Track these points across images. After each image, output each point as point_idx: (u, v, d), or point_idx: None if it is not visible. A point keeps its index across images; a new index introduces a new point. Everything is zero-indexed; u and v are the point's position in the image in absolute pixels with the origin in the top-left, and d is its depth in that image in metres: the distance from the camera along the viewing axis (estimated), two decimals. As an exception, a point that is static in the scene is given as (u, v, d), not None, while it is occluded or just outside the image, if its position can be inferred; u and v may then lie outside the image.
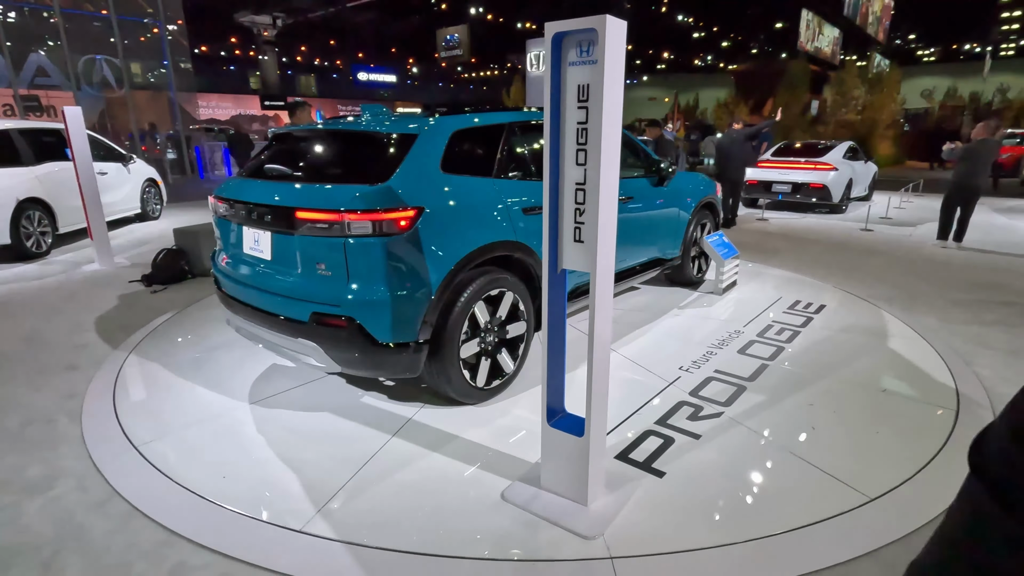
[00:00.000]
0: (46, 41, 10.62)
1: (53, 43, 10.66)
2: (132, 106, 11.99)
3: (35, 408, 3.04)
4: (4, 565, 1.96)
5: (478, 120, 2.98)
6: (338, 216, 2.37)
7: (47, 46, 10.63)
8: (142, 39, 11.81)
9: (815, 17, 21.01)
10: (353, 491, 2.27)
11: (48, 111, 16.19)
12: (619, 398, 2.96)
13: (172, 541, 2.05)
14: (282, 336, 2.67)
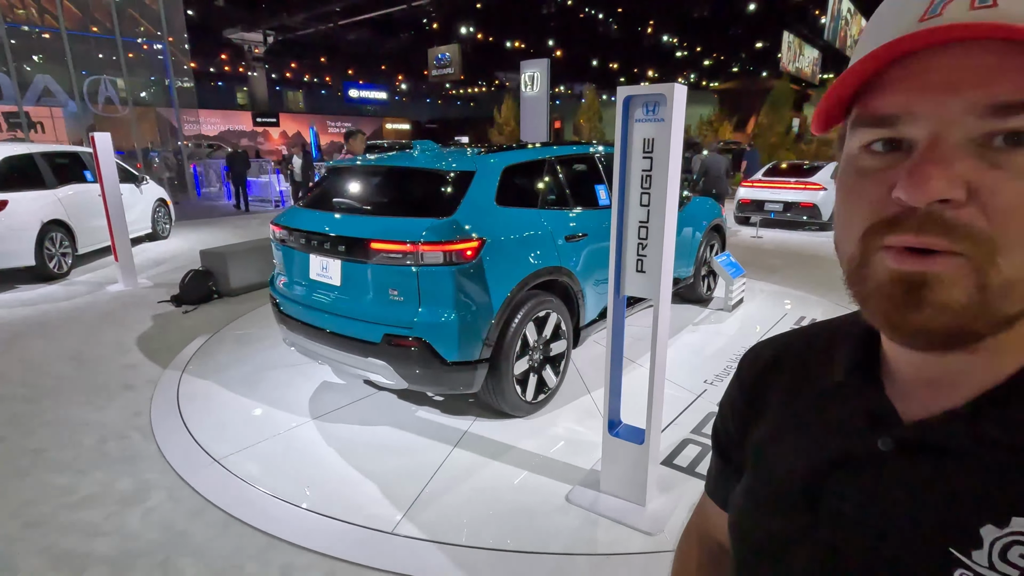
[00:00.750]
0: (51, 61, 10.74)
1: (58, 64, 10.78)
2: (135, 124, 12.12)
3: (105, 426, 3.22)
4: (126, 567, 2.16)
5: (523, 156, 3.27)
6: (412, 247, 2.63)
7: (52, 66, 10.74)
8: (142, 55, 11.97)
9: (795, 39, 21.83)
10: (430, 497, 2.50)
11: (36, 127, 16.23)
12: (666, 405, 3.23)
13: (274, 544, 2.26)
14: (350, 355, 2.90)
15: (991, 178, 0.32)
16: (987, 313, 0.34)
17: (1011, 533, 0.34)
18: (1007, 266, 0.33)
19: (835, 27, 16.70)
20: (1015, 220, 0.32)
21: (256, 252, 6.10)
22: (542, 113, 16.48)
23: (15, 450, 2.98)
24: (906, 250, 0.35)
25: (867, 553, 0.40)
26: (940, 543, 0.36)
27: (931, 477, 0.38)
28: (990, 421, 0.36)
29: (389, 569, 2.12)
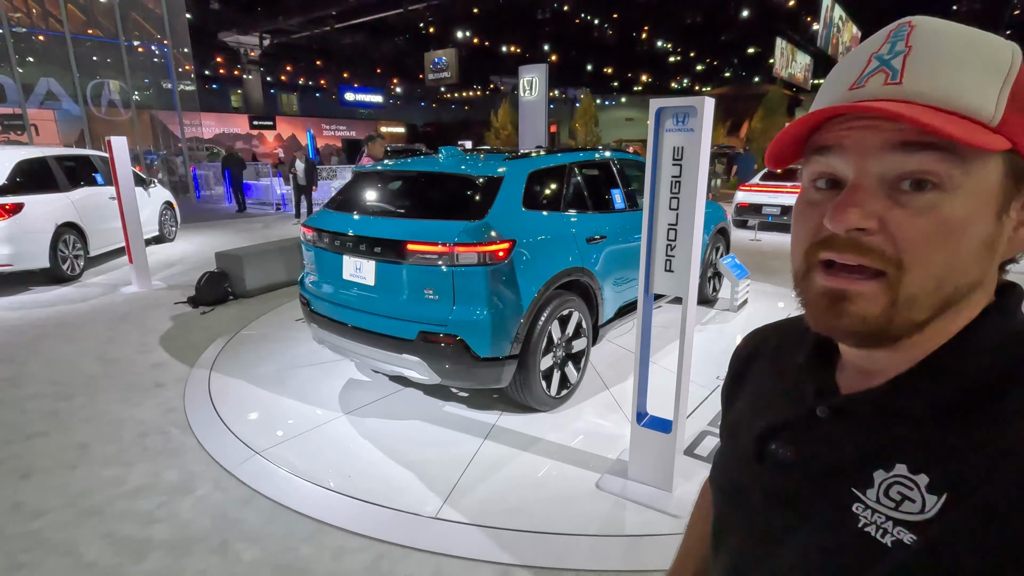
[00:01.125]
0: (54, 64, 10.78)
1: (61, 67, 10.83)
2: (137, 127, 12.17)
3: (143, 422, 3.33)
4: (185, 551, 2.28)
5: (547, 162, 3.42)
6: (448, 248, 2.77)
7: (55, 68, 10.79)
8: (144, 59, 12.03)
9: (788, 45, 22.19)
10: (467, 485, 2.64)
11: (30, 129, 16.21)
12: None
13: (324, 529, 2.39)
14: (385, 352, 3.03)
15: (898, 214, 0.42)
16: (897, 321, 0.43)
17: (893, 476, 0.43)
18: (910, 283, 0.42)
19: (827, 34, 17.03)
20: (915, 247, 0.41)
21: (271, 254, 6.22)
22: (541, 117, 16.69)
23: (61, 444, 3.08)
24: (834, 267, 0.45)
25: (795, 492, 0.50)
26: (846, 483, 0.46)
27: (847, 436, 0.48)
28: (890, 398, 0.46)
29: (435, 550, 2.25)
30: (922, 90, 0.41)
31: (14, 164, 6.08)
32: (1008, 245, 0.44)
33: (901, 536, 0.42)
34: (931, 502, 0.41)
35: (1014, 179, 0.42)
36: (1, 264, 5.82)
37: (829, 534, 0.46)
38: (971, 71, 0.41)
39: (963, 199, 0.41)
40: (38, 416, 3.40)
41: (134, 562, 2.23)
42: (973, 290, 0.44)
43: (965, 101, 0.41)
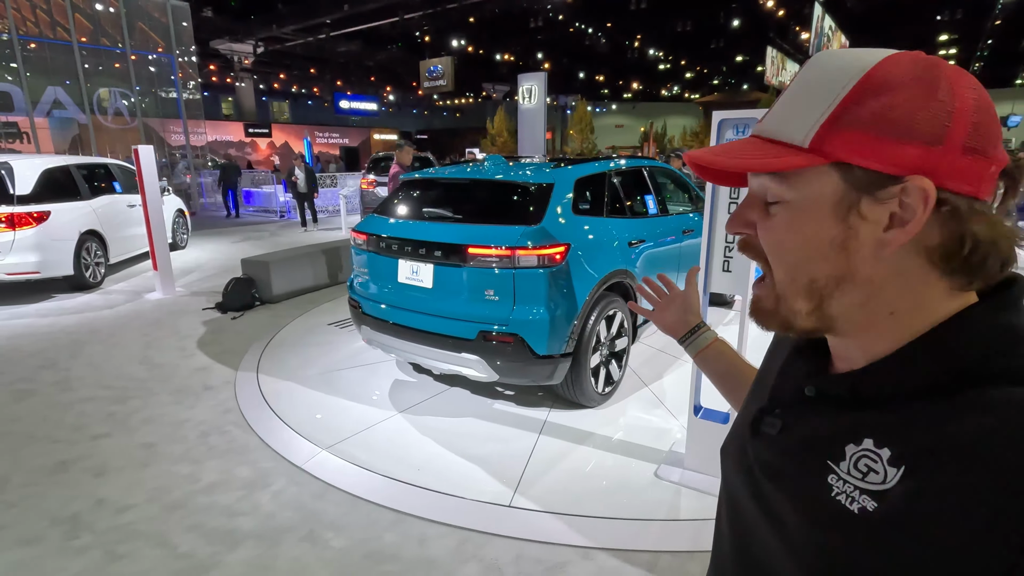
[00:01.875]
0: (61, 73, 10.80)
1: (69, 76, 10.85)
2: (143, 135, 12.20)
3: (202, 422, 3.43)
4: (276, 540, 2.39)
5: (590, 169, 3.59)
6: (510, 252, 2.92)
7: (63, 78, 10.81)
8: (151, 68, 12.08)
9: (778, 54, 22.68)
10: (533, 476, 2.78)
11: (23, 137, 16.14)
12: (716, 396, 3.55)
13: (403, 519, 2.52)
14: (443, 351, 3.16)
15: (761, 222, 0.52)
16: (783, 310, 0.52)
17: (862, 449, 0.48)
18: (777, 279, 0.51)
19: (818, 43, 17.45)
20: (769, 248, 0.51)
21: (296, 260, 6.32)
22: (539, 125, 16.88)
23: (126, 444, 3.17)
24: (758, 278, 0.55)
25: (780, 464, 0.55)
26: (822, 455, 0.51)
27: (826, 413, 0.53)
28: (860, 383, 0.51)
29: (514, 535, 2.38)
30: (765, 127, 0.51)
31: (39, 173, 6.14)
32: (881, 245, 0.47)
33: (865, 503, 0.47)
34: (891, 473, 0.46)
35: (854, 186, 0.46)
36: (29, 271, 5.87)
37: (808, 502, 0.51)
38: (800, 103, 0.48)
39: (793, 209, 0.49)
40: (97, 419, 3.48)
41: (228, 551, 2.34)
42: (842, 282, 0.49)
43: (786, 130, 0.48)
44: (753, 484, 0.59)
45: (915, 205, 0.45)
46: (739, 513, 0.62)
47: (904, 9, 21.51)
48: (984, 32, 24.13)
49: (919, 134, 0.45)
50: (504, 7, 22.78)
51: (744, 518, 0.61)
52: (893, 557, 0.44)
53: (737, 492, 0.63)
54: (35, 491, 2.75)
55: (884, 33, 25.27)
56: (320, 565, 2.26)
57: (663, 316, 1.03)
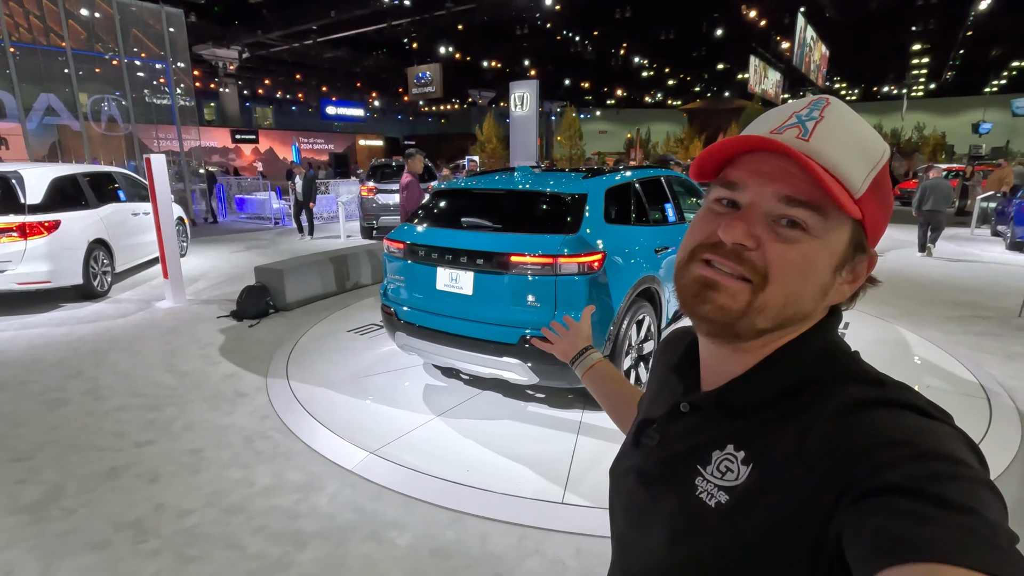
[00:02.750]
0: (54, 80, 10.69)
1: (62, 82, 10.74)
2: (137, 142, 12.08)
3: (243, 428, 3.49)
4: (341, 540, 2.48)
5: (618, 179, 3.74)
6: (552, 259, 3.05)
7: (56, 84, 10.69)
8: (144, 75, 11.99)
9: (761, 63, 23.23)
10: (579, 474, 2.90)
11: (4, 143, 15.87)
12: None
13: (461, 518, 2.62)
14: (483, 356, 3.28)
15: (771, 241, 0.52)
16: (744, 321, 0.53)
17: (724, 453, 0.55)
18: (767, 294, 0.52)
19: (801, 53, 17.94)
20: (778, 268, 0.52)
21: (309, 268, 6.38)
22: (531, 132, 17.09)
23: (173, 450, 3.23)
24: (708, 263, 0.55)
25: (657, 472, 0.61)
26: (692, 461, 0.57)
27: (697, 425, 0.59)
28: (728, 396, 0.57)
29: (572, 531, 2.51)
30: (820, 151, 0.52)
31: (49, 182, 6.11)
32: (834, 295, 0.55)
33: (720, 498, 0.53)
34: (743, 471, 0.52)
35: (853, 246, 0.54)
36: (41, 281, 5.84)
37: (676, 503, 0.57)
38: (854, 151, 0.52)
39: (818, 245, 0.52)
40: (137, 426, 3.52)
41: (298, 550, 2.42)
42: (804, 320, 0.55)
43: (845, 171, 0.52)
44: (634, 494, 0.64)
45: (862, 271, 0.56)
46: (623, 523, 0.67)
47: (880, 20, 22.21)
48: (956, 42, 24.98)
49: (888, 217, 0.56)
50: (491, 15, 22.98)
51: (627, 527, 0.66)
52: (738, 537, 0.51)
53: (619, 504, 0.68)
54: (92, 498, 2.79)
55: (861, 43, 26.01)
56: (390, 562, 2.35)
57: (560, 344, 1.14)
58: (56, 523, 2.60)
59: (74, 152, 12.61)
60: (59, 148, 14.79)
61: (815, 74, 21.23)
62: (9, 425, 3.53)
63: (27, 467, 3.06)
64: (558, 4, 16.76)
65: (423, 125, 49.89)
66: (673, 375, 0.67)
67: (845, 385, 0.52)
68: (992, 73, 32.11)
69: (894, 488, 0.42)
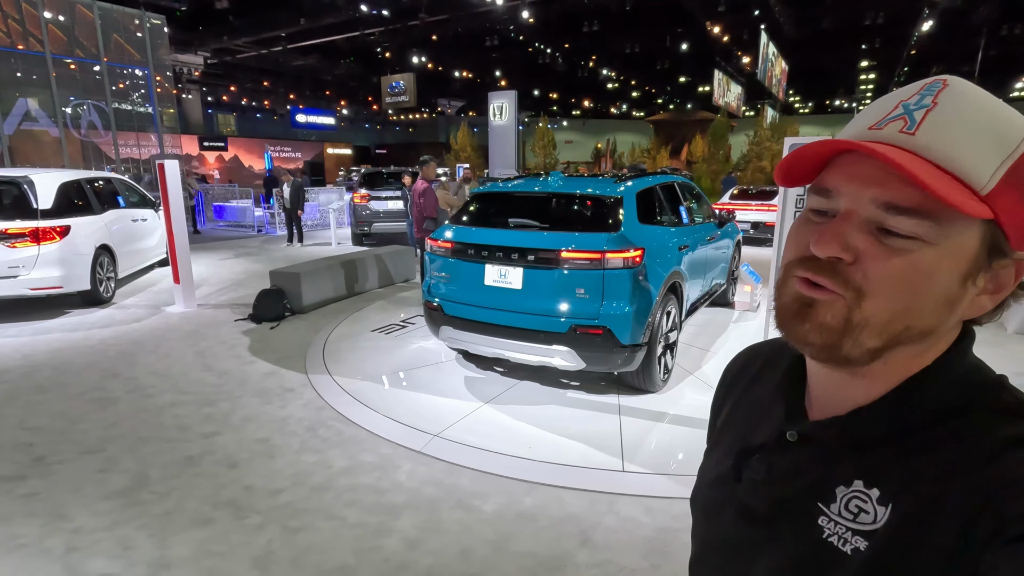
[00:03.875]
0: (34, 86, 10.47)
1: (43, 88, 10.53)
2: (116, 149, 11.89)
3: (302, 419, 3.67)
4: (431, 509, 2.72)
5: (646, 183, 4.10)
6: (600, 255, 3.38)
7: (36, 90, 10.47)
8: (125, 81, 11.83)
9: (724, 77, 24.32)
10: (632, 448, 3.22)
11: None
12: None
13: (535, 487, 2.89)
14: (534, 344, 3.57)
15: (872, 252, 0.46)
16: (847, 339, 0.47)
17: (852, 491, 0.50)
18: (867, 309, 0.47)
19: (764, 68, 18.94)
20: (880, 282, 0.46)
21: (323, 271, 6.53)
22: (510, 141, 17.51)
23: (242, 439, 3.39)
24: (808, 282, 0.49)
25: (767, 510, 0.55)
26: (813, 499, 0.51)
27: (813, 457, 0.53)
28: (852, 427, 0.51)
29: (637, 494, 2.81)
30: (929, 145, 0.44)
31: (58, 187, 6.10)
32: (968, 308, 0.48)
33: (857, 544, 0.47)
34: (880, 512, 0.47)
35: (988, 250, 0.46)
36: (53, 286, 5.81)
37: (797, 546, 0.51)
38: (979, 140, 0.44)
39: (934, 254, 0.45)
40: (196, 419, 3.66)
41: (393, 519, 2.65)
42: (925, 336, 0.48)
43: (964, 165, 0.44)
44: (732, 532, 0.59)
45: (1008, 279, 0.48)
46: (717, 564, 0.62)
47: (833, 38, 23.62)
48: (901, 60, 26.72)
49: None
50: (463, 25, 23.34)
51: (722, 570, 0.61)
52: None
53: (712, 543, 0.63)
54: (180, 483, 2.94)
55: (814, 59, 27.50)
56: (482, 525, 2.61)
57: None
58: (153, 505, 2.76)
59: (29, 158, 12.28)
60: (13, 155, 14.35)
61: (776, 88, 22.38)
62: (67, 422, 3.61)
63: (103, 458, 3.18)
64: (528, 16, 17.24)
65: (391, 134, 49.79)
66: (771, 396, 0.62)
67: (994, 418, 0.47)
68: (932, 89, 34.31)
69: None
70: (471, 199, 4.18)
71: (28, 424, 3.58)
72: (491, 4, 17.43)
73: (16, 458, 3.18)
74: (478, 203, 4.10)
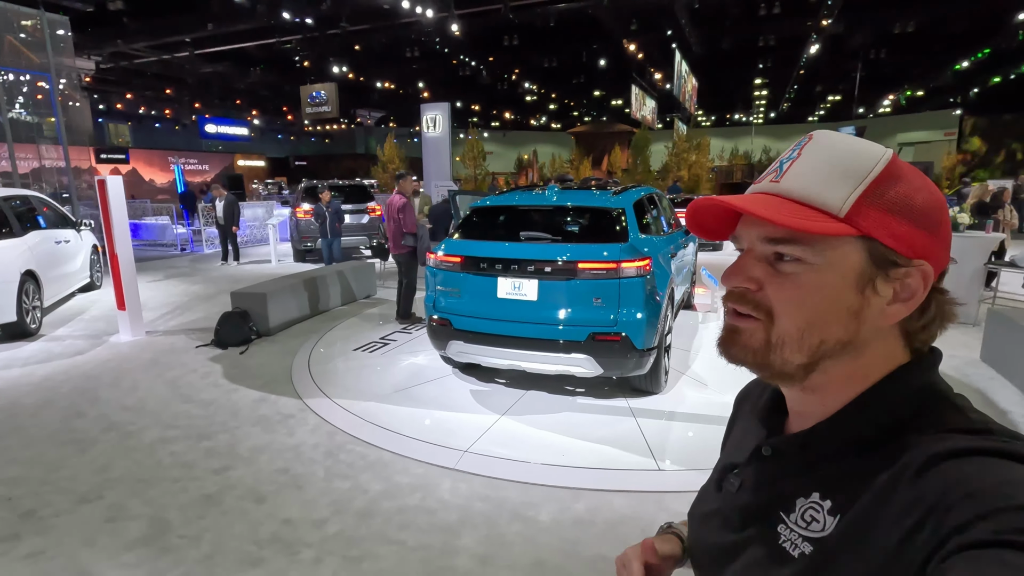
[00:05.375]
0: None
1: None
2: (12, 159, 10.63)
3: (316, 446, 3.51)
4: (489, 523, 2.71)
5: (638, 195, 4.31)
6: (616, 264, 3.52)
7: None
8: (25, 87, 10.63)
9: (640, 92, 25.68)
10: (659, 446, 3.37)
11: None
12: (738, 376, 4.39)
13: (580, 493, 2.96)
14: (552, 354, 3.65)
15: (769, 279, 0.55)
16: (774, 357, 0.55)
17: (810, 502, 0.54)
18: (779, 327, 0.54)
19: (679, 84, 20.22)
20: (781, 302, 0.54)
21: (288, 291, 6.25)
22: (445, 153, 17.48)
23: (259, 473, 3.20)
24: (736, 312, 0.58)
25: (740, 517, 0.62)
26: (775, 508, 0.58)
27: (781, 471, 0.60)
28: (810, 442, 0.57)
29: (680, 489, 2.96)
30: (790, 188, 0.54)
31: (-25, 207, 5.42)
32: (880, 316, 0.53)
33: (803, 548, 0.53)
34: (829, 522, 0.52)
35: (874, 262, 0.52)
36: (-23, 320, 5.14)
37: (759, 550, 0.57)
38: (829, 175, 0.53)
39: (817, 271, 0.52)
40: (198, 455, 3.40)
41: (454, 537, 2.62)
42: (847, 347, 0.54)
43: (819, 197, 0.52)
44: (717, 537, 0.64)
45: (916, 286, 0.52)
46: (706, 566, 0.68)
47: (732, 58, 25.68)
48: (791, 78, 29.46)
49: (925, 223, 0.52)
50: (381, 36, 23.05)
51: (710, 571, 0.66)
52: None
53: (702, 547, 0.69)
54: (208, 523, 2.74)
55: (717, 75, 29.70)
56: (543, 534, 2.64)
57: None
58: (188, 550, 2.56)
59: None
60: None
61: (688, 103, 23.93)
62: (44, 469, 3.24)
63: (105, 506, 2.89)
64: (449, 28, 17.35)
65: (305, 145, 47.93)
66: (756, 420, 0.68)
67: (942, 434, 0.50)
68: (816, 105, 38.15)
69: (988, 542, 0.40)
70: (472, 213, 4.21)
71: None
72: (413, 16, 17.36)
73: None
74: (481, 217, 4.14)
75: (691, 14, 19.16)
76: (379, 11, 18.95)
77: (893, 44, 23.40)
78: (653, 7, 18.30)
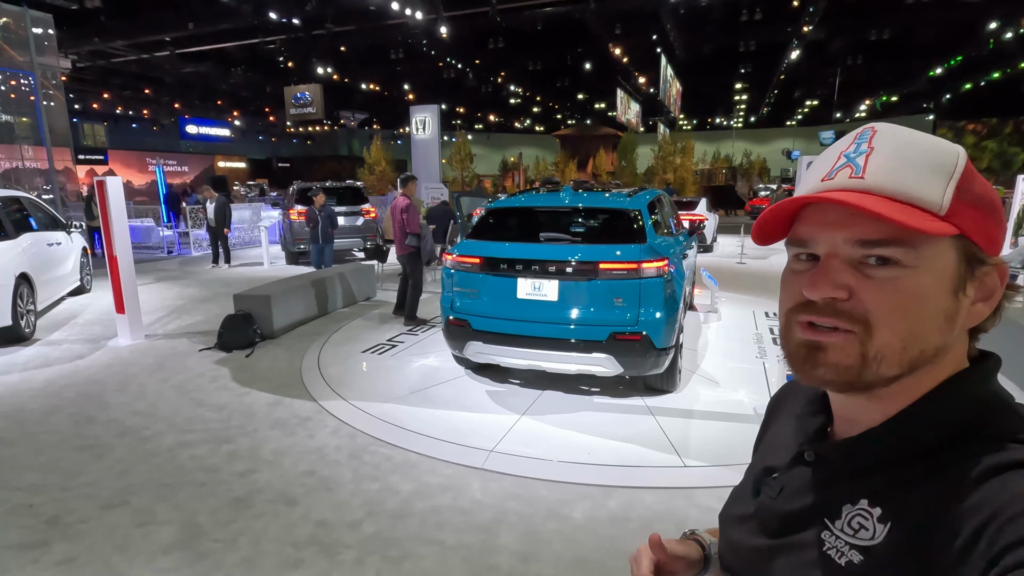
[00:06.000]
0: None
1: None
2: None
3: (340, 448, 3.50)
4: (525, 522, 2.74)
5: (650, 196, 4.38)
6: (637, 265, 3.58)
7: None
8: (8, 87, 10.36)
9: (626, 96, 25.97)
10: (680, 443, 3.43)
11: None
12: (748, 373, 4.50)
13: (610, 491, 3.00)
14: (573, 354, 3.69)
15: (863, 285, 0.50)
16: (868, 373, 0.50)
17: (857, 509, 0.52)
18: (878, 339, 0.49)
19: (664, 88, 20.48)
20: (880, 312, 0.49)
21: (292, 293, 6.20)
22: (434, 155, 17.47)
23: (285, 476, 3.17)
24: (810, 325, 0.52)
25: (779, 522, 0.59)
26: (819, 514, 0.55)
27: (825, 476, 0.57)
28: (858, 449, 0.54)
29: (707, 485, 3.02)
30: (881, 184, 0.49)
31: (-30, 209, 5.28)
32: (967, 318, 0.51)
33: (852, 557, 0.51)
34: (879, 530, 0.50)
35: (967, 262, 0.50)
36: (-26, 324, 5.01)
37: (801, 557, 0.55)
38: (921, 169, 0.49)
39: (918, 276, 0.49)
40: (219, 459, 3.37)
41: (492, 536, 2.64)
42: (939, 355, 0.51)
43: (918, 194, 0.48)
44: (752, 542, 0.62)
45: (994, 284, 0.51)
46: (738, 570, 0.66)
47: (713, 63, 26.11)
48: (772, 84, 30.04)
49: (999, 219, 0.51)
50: (366, 38, 22.95)
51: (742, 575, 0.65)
52: None
53: (734, 552, 0.66)
54: (242, 527, 2.72)
55: (699, 80, 30.17)
56: (579, 531, 2.68)
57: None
58: (225, 554, 2.53)
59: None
60: None
61: (673, 106, 24.25)
62: (63, 476, 3.18)
63: (132, 511, 2.85)
64: (437, 30, 17.36)
65: (287, 147, 47.39)
66: (796, 423, 0.65)
67: (1001, 442, 0.48)
68: (795, 109, 38.94)
69: None
70: (487, 214, 4.23)
71: (14, 483, 3.11)
72: (400, 17, 17.32)
73: (22, 522, 2.77)
74: (498, 218, 4.16)
75: (676, 19, 19.44)
76: (365, 12, 18.86)
77: (869, 51, 24.05)
78: (639, 12, 18.54)
